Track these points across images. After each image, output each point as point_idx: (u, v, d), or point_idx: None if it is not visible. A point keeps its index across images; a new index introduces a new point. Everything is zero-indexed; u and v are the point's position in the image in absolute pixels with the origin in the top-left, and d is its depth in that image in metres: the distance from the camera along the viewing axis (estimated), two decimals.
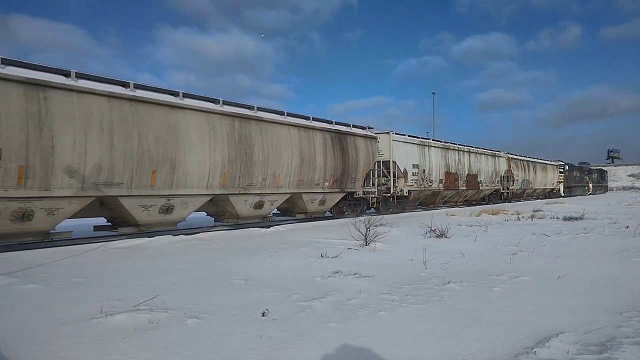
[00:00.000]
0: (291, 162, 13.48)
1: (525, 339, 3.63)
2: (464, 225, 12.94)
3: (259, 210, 13.13)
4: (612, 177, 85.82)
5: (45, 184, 8.33)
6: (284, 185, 13.43)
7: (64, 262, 7.11)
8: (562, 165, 43.75)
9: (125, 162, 9.46)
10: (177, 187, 10.52)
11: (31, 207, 8.27)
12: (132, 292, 5.04)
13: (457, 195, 24.94)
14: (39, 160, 8.19)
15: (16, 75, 7.99)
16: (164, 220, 10.74)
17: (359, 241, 8.87)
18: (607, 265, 6.90)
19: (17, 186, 7.97)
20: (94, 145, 8.95)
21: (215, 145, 11.25)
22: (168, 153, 10.22)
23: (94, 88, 9.08)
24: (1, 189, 7.78)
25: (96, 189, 9.10)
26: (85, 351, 3.32)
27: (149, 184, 9.95)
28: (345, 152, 15.68)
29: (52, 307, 4.41)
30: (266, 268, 6.67)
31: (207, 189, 11.24)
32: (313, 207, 15.08)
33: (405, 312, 4.39)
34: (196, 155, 10.80)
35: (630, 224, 12.69)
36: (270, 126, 12.83)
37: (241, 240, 10.06)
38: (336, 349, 3.41)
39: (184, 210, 11.07)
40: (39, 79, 8.27)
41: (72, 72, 8.87)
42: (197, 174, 10.89)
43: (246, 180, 12.18)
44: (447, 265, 6.75)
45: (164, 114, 10.22)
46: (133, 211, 9.90)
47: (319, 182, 14.69)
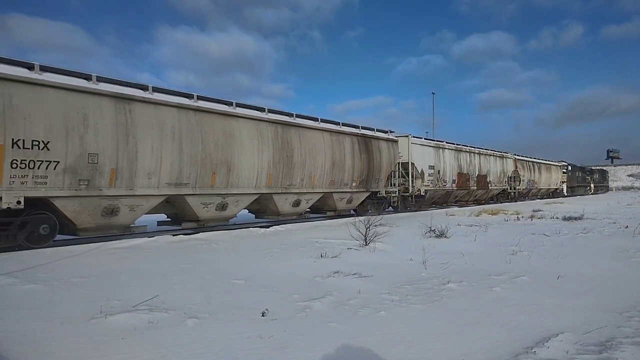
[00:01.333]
0: (324, 164, 14.81)
1: (525, 339, 3.63)
2: (463, 225, 12.94)
3: (296, 207, 14.50)
4: (612, 177, 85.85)
5: (130, 184, 9.68)
6: (318, 185, 14.77)
7: (63, 262, 7.11)
8: (565, 166, 44.81)
9: (191, 165, 10.77)
10: (231, 187, 11.86)
11: (118, 204, 9.61)
12: (132, 292, 5.04)
13: (468, 195, 26.10)
14: (126, 163, 9.53)
15: (108, 90, 9.28)
16: (219, 216, 12.07)
17: (358, 241, 8.87)
18: (607, 265, 6.90)
19: (109, 186, 9.33)
20: (167, 151, 10.26)
21: (263, 149, 12.58)
22: (225, 157, 11.53)
23: (167, 100, 10.39)
24: (97, 188, 9.14)
25: (168, 189, 10.44)
26: (85, 351, 3.31)
27: (209, 184, 11.29)
28: (370, 154, 16.98)
29: (51, 307, 4.41)
30: (266, 268, 6.67)
31: (255, 189, 12.59)
32: (341, 205, 16.47)
33: (405, 312, 4.39)
34: (247, 159, 12.14)
35: (630, 224, 12.69)
36: (306, 131, 14.20)
37: (241, 240, 10.06)
38: (336, 349, 3.41)
39: (235, 207, 12.42)
40: (125, 93, 9.58)
41: (150, 87, 10.21)
42: (247, 175, 12.23)
43: (287, 181, 13.51)
44: (446, 265, 6.75)
45: (221, 122, 11.55)
46: (195, 208, 11.20)
47: (347, 182, 16.03)
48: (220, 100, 11.89)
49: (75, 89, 8.82)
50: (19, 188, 8.08)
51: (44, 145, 8.33)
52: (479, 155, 26.67)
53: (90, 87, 9.08)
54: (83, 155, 8.88)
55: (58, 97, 8.56)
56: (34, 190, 8.29)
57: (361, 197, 17.43)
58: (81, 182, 8.91)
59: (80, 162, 8.85)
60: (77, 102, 8.83)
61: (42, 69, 8.46)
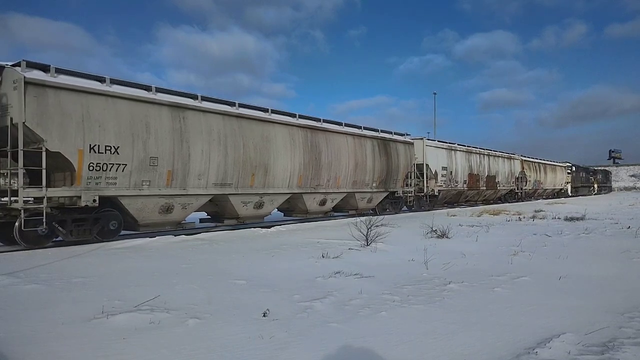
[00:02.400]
0: (348, 166, 15.87)
1: (527, 340, 3.62)
2: (465, 226, 12.92)
3: (322, 206, 15.59)
4: (614, 177, 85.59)
5: (183, 184, 10.75)
6: (342, 185, 15.86)
7: (64, 262, 7.12)
8: (569, 167, 45.50)
9: (234, 167, 11.85)
10: (267, 187, 12.95)
11: (172, 202, 10.67)
12: (133, 292, 5.04)
13: (477, 195, 27.09)
14: (180, 166, 10.60)
15: (166, 100, 10.39)
16: (256, 214, 13.15)
17: (360, 241, 8.87)
18: (609, 266, 6.88)
19: (166, 186, 10.42)
20: (214, 154, 11.31)
21: (294, 152, 13.63)
22: (262, 159, 12.60)
23: (213, 108, 11.46)
24: (157, 188, 10.20)
25: (215, 189, 11.49)
26: (86, 351, 3.32)
27: (249, 185, 12.39)
28: (389, 156, 18.04)
29: (53, 307, 4.41)
30: (267, 268, 6.67)
31: (288, 189, 13.64)
32: (362, 204, 17.43)
33: (406, 313, 4.39)
34: (281, 161, 13.19)
35: (632, 225, 12.67)
36: (332, 135, 15.24)
37: (242, 240, 10.06)
38: (337, 350, 3.41)
39: (270, 206, 13.51)
40: (179, 102, 10.65)
41: (199, 96, 11.26)
42: (281, 176, 13.30)
43: (315, 181, 14.60)
44: (448, 266, 6.74)
45: (259, 127, 12.61)
46: (236, 206, 12.30)
47: (368, 183, 17.06)
48: (257, 107, 12.98)
49: (139, 99, 9.88)
50: (95, 188, 9.16)
51: (114, 150, 9.37)
52: (488, 156, 27.61)
53: (151, 97, 10.14)
54: (146, 159, 9.94)
55: (126, 106, 9.60)
56: (106, 190, 9.34)
57: (380, 197, 18.33)
58: (144, 183, 9.98)
59: (143, 165, 9.91)
60: (141, 111, 9.88)
61: (112, 82, 9.55)
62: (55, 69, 8.77)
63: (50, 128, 8.50)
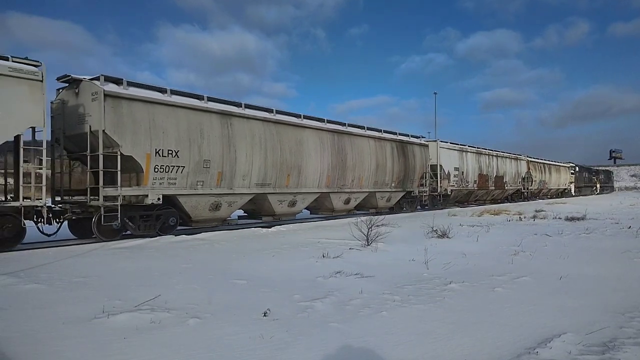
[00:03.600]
0: (370, 167, 16.95)
1: (527, 339, 3.62)
2: (465, 226, 12.92)
3: (346, 205, 16.76)
4: (615, 177, 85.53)
5: (230, 184, 11.87)
6: (365, 185, 16.92)
7: (65, 262, 7.13)
8: (572, 167, 46.57)
9: (272, 168, 12.93)
10: (300, 187, 14.04)
11: (220, 200, 11.79)
12: (134, 292, 5.04)
13: (486, 195, 28.19)
14: (228, 167, 11.70)
15: (216, 108, 11.52)
16: (290, 211, 14.25)
17: (360, 241, 8.87)
18: (609, 266, 6.88)
19: (216, 186, 11.50)
20: (256, 157, 12.43)
21: (323, 154, 14.72)
22: (296, 161, 13.69)
23: (255, 114, 12.63)
24: (209, 187, 11.32)
25: (256, 188, 12.63)
26: (87, 351, 3.32)
27: (285, 185, 13.45)
28: (406, 158, 19.12)
29: (54, 307, 4.42)
30: (267, 268, 6.67)
31: (317, 188, 14.72)
32: (382, 203, 18.48)
33: (406, 313, 4.39)
34: (312, 163, 14.29)
35: (633, 225, 12.66)
36: (356, 139, 16.36)
37: (242, 240, 10.07)
38: (337, 349, 3.41)
39: (302, 204, 14.61)
40: (227, 110, 11.78)
41: (242, 104, 12.47)
42: (312, 177, 14.39)
43: (341, 182, 15.68)
44: (448, 266, 6.74)
45: (293, 132, 13.71)
46: (274, 204, 13.39)
47: (387, 183, 18.17)
48: (291, 113, 14.09)
49: (195, 107, 11.00)
50: (159, 187, 10.27)
51: (175, 154, 10.48)
52: (497, 157, 28.69)
53: (204, 105, 11.26)
54: (200, 161, 11.02)
55: (184, 114, 10.73)
56: (168, 190, 10.44)
57: (398, 196, 19.37)
58: (198, 183, 11.08)
59: (198, 167, 10.99)
60: (196, 119, 11.01)
61: (171, 92, 10.64)
62: (126, 82, 9.88)
63: (124, 135, 9.57)
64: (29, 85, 8.45)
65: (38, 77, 8.55)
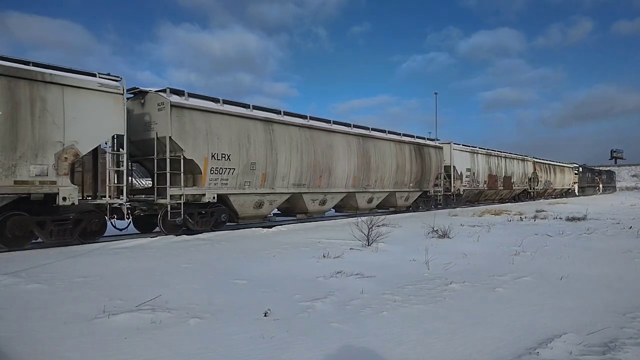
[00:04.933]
0: (391, 168, 18.11)
1: (528, 340, 3.62)
2: (466, 226, 12.91)
3: (370, 204, 17.87)
4: (616, 177, 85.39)
5: (272, 184, 13.05)
6: (387, 185, 18.12)
7: (66, 262, 7.14)
8: (576, 168, 47.79)
9: (307, 170, 14.07)
10: (330, 187, 15.22)
11: (263, 199, 12.98)
12: (134, 292, 5.05)
13: (495, 194, 29.42)
14: (270, 169, 12.86)
15: (260, 115, 12.73)
16: (320, 209, 15.45)
17: (361, 241, 8.87)
18: (610, 266, 6.87)
19: (261, 186, 12.72)
20: (293, 159, 13.57)
21: (350, 157, 15.90)
22: (327, 163, 14.85)
23: (292, 121, 13.79)
24: (254, 187, 12.57)
25: (293, 188, 13.78)
26: (87, 351, 3.32)
27: (317, 185, 14.64)
28: (423, 160, 20.24)
29: (54, 307, 4.42)
30: (268, 268, 6.67)
31: (345, 188, 15.92)
32: (401, 202, 19.73)
33: (407, 313, 4.38)
34: (340, 165, 15.43)
35: (634, 225, 12.65)
36: (379, 142, 17.54)
37: (243, 240, 10.07)
38: (338, 349, 3.41)
39: (331, 203, 15.79)
40: (269, 117, 13.02)
41: (282, 111, 13.71)
42: (340, 178, 15.55)
43: (365, 182, 16.82)
44: (449, 266, 6.74)
45: (324, 136, 14.91)
46: (307, 203, 14.54)
47: (406, 183, 19.34)
48: (322, 119, 15.28)
49: (243, 115, 12.21)
50: (214, 187, 11.47)
51: (227, 157, 11.66)
52: (505, 158, 29.86)
53: (250, 113, 12.47)
54: (248, 164, 12.20)
55: (234, 122, 11.93)
56: (221, 189, 11.63)
57: (415, 196, 20.58)
58: (246, 183, 12.27)
59: (246, 169, 12.18)
60: (244, 125, 12.19)
61: (223, 102, 11.88)
62: (187, 94, 11.11)
63: (187, 140, 10.76)
64: (113, 98, 9.52)
65: (119, 90, 9.62)
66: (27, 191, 8.41)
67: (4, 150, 8.05)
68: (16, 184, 8.22)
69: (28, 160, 8.34)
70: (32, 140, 8.38)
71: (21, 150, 8.25)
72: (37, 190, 8.50)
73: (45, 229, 8.81)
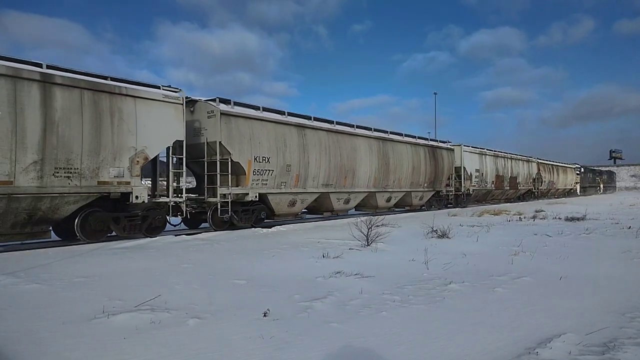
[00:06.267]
0: (408, 169, 19.26)
1: (527, 340, 3.62)
2: (465, 226, 12.92)
3: (388, 203, 19.01)
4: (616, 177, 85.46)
5: (304, 185, 14.16)
6: (404, 185, 19.27)
7: (65, 262, 7.13)
8: (578, 168, 49.00)
9: (334, 171, 15.17)
10: (354, 187, 16.34)
11: (296, 198, 14.05)
12: (134, 292, 5.04)
13: (502, 194, 30.52)
14: (303, 170, 13.97)
15: (294, 121, 13.92)
16: (344, 208, 16.63)
17: (360, 241, 8.87)
18: (610, 266, 6.88)
19: (294, 186, 13.81)
20: (322, 161, 14.68)
21: (371, 159, 17.03)
22: (351, 165, 15.98)
23: (321, 126, 15.00)
24: (289, 187, 13.65)
25: (322, 188, 14.88)
26: (87, 351, 3.32)
27: (342, 185, 15.76)
28: (436, 161, 21.42)
29: (53, 307, 4.42)
30: (267, 268, 6.67)
31: (366, 188, 17.01)
32: (416, 201, 20.87)
33: (406, 313, 4.39)
34: (363, 166, 16.56)
35: (633, 225, 12.66)
36: (397, 145, 18.76)
37: (243, 240, 10.07)
38: (338, 349, 3.41)
39: (354, 202, 16.91)
40: (302, 122, 14.22)
41: (312, 117, 14.84)
42: (363, 178, 16.65)
43: (384, 182, 17.98)
44: (448, 266, 6.74)
45: (349, 140, 16.07)
46: (333, 202, 15.61)
47: (421, 184, 20.49)
48: (346, 123, 16.44)
49: (279, 122, 13.34)
50: (256, 187, 12.57)
51: (267, 160, 12.75)
52: (511, 159, 31.07)
53: (285, 119, 13.62)
54: (284, 166, 13.28)
55: (272, 127, 13.04)
56: (261, 189, 12.73)
57: (429, 195, 21.66)
58: (282, 184, 13.33)
59: (282, 170, 13.24)
60: (281, 130, 13.28)
61: (263, 109, 13.03)
62: (233, 102, 12.24)
63: (234, 145, 11.86)
64: (174, 107, 10.70)
65: (179, 101, 10.81)
66: (108, 190, 9.53)
67: (90, 154, 9.17)
68: (99, 184, 9.39)
69: (108, 164, 9.49)
70: (112, 146, 9.52)
71: (103, 155, 9.39)
72: (116, 189, 9.65)
73: (120, 224, 9.96)
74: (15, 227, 8.41)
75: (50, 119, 8.54)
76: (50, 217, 8.85)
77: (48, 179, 8.53)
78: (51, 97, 8.56)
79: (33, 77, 8.32)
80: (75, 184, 8.95)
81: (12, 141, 8.06)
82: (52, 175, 8.58)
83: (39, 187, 8.40)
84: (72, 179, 8.89)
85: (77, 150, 8.93)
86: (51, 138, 8.55)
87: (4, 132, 7.95)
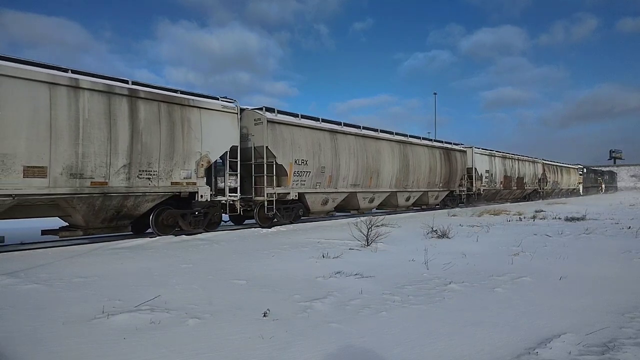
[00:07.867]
0: (425, 170, 20.41)
1: (527, 340, 3.62)
2: (465, 226, 12.92)
3: (407, 202, 20.17)
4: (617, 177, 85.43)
5: (335, 185, 15.38)
6: (422, 186, 20.38)
7: (65, 262, 7.13)
8: (581, 169, 50.26)
9: (361, 172, 16.40)
10: (378, 187, 17.53)
11: (329, 197, 15.29)
12: (134, 292, 5.04)
13: (509, 194, 31.50)
14: (334, 172, 15.20)
15: (327, 127, 15.15)
16: (369, 206, 17.73)
17: (360, 242, 8.87)
18: (610, 266, 6.87)
19: (327, 186, 15.05)
20: (351, 163, 15.91)
21: (393, 161, 18.26)
22: (376, 166, 17.19)
23: (350, 131, 16.20)
24: (323, 187, 14.86)
25: (351, 188, 16.06)
26: (86, 351, 3.32)
27: (368, 185, 16.94)
28: (451, 163, 22.69)
29: (53, 307, 4.42)
30: (267, 268, 6.67)
31: (388, 188, 18.20)
32: (432, 200, 22.03)
33: (406, 313, 4.38)
34: (386, 167, 17.76)
35: (633, 225, 12.66)
36: (415, 147, 20.00)
37: (242, 240, 10.07)
38: (337, 349, 3.41)
39: (377, 201, 18.00)
40: (334, 128, 15.42)
41: (342, 122, 16.11)
42: (386, 179, 17.87)
43: (405, 183, 19.19)
44: (448, 266, 6.74)
45: (374, 143, 17.28)
46: (360, 201, 16.80)
47: (437, 184, 21.66)
48: (371, 128, 17.54)
49: (315, 127, 14.62)
50: (296, 187, 13.83)
51: (305, 162, 13.99)
52: (518, 160, 32.18)
53: (320, 125, 14.91)
54: (319, 168, 14.52)
55: (309, 133, 14.31)
56: (300, 189, 13.99)
57: (443, 195, 22.80)
58: (317, 184, 14.56)
59: (318, 172, 14.50)
60: (316, 135, 14.56)
61: (301, 117, 14.35)
62: (277, 110, 13.48)
63: (278, 149, 13.09)
64: (230, 116, 12.00)
65: (235, 110, 12.13)
66: (179, 190, 10.77)
67: (166, 159, 10.45)
68: (172, 185, 10.62)
69: (179, 167, 10.75)
70: (182, 151, 10.80)
71: (176, 159, 10.66)
72: (185, 189, 10.89)
73: (186, 219, 11.10)
74: (104, 222, 9.75)
75: (136, 128, 9.83)
76: (132, 213, 10.14)
77: (134, 180, 9.82)
78: (137, 109, 9.85)
79: (123, 92, 9.56)
80: (154, 185, 10.23)
81: (108, 148, 9.36)
82: (137, 177, 9.89)
83: (127, 187, 9.70)
84: (151, 180, 10.18)
85: (155, 155, 10.24)
86: (137, 145, 9.86)
87: (102, 141, 9.22)
